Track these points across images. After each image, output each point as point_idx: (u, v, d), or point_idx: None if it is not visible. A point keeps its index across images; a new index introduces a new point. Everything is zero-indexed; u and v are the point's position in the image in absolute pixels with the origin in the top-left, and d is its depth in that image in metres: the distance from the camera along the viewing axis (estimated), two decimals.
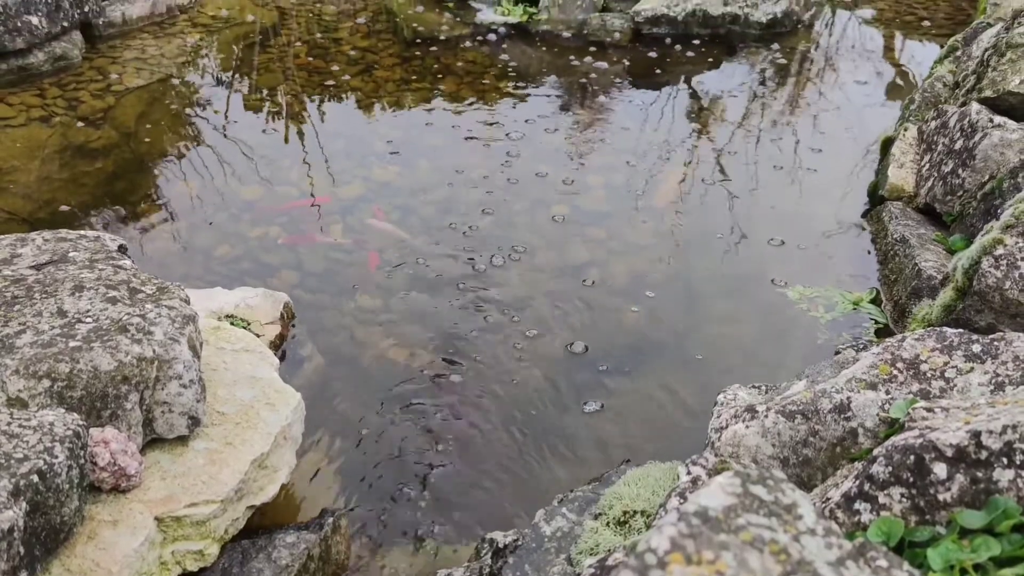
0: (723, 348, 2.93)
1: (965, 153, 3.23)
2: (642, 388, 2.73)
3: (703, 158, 4.15)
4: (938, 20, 6.15)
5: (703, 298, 3.17)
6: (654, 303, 3.12)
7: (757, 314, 3.07)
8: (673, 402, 2.69)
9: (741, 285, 3.23)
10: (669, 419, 2.64)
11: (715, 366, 2.84)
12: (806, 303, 3.09)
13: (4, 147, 3.94)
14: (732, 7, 5.60)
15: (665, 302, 3.14)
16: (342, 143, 4.19)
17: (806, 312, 3.05)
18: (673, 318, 3.07)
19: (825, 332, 2.95)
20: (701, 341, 2.96)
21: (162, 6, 5.53)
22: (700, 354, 2.90)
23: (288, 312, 2.86)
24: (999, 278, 2.34)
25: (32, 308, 1.99)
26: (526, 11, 5.71)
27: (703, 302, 3.16)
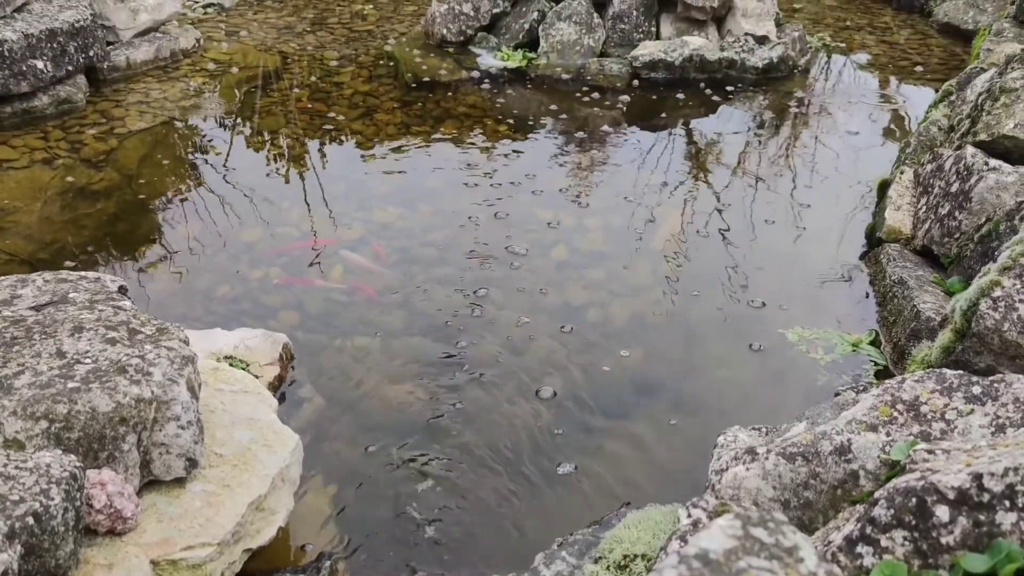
0: (722, 390, 2.92)
1: (961, 196, 3.25)
2: (641, 430, 2.72)
3: (701, 200, 4.17)
4: (932, 65, 6.23)
5: (702, 339, 3.17)
6: (653, 344, 3.12)
7: (756, 356, 3.06)
8: (673, 444, 2.68)
9: (740, 326, 3.23)
10: (669, 461, 2.63)
11: (714, 408, 2.83)
12: (805, 345, 3.09)
13: (6, 189, 3.97)
14: (729, 52, 5.68)
15: (664, 343, 3.14)
16: (343, 186, 4.22)
17: (805, 354, 3.05)
18: (672, 359, 3.07)
19: (825, 374, 2.95)
20: (700, 382, 2.96)
21: (166, 50, 5.61)
22: (699, 395, 2.89)
23: (287, 353, 2.86)
24: (997, 320, 2.35)
25: (31, 349, 1.99)
26: (525, 56, 5.79)
27: (702, 343, 3.15)
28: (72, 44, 4.80)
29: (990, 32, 5.97)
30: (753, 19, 5.93)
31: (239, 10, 7.00)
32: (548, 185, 4.23)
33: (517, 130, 4.84)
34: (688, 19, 5.93)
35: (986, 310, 2.37)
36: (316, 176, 4.30)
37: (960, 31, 6.84)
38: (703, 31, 5.93)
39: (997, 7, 6.78)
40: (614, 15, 5.93)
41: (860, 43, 6.73)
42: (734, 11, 5.97)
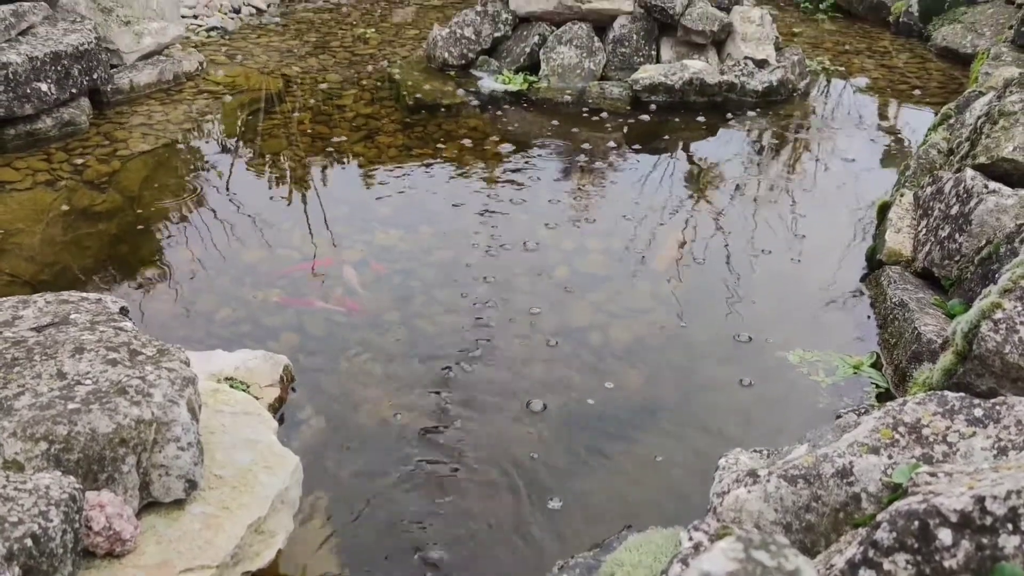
0: (724, 412, 2.91)
1: (961, 218, 3.26)
2: (642, 452, 2.71)
3: (702, 223, 4.18)
4: (931, 89, 6.27)
5: (703, 360, 3.17)
6: (654, 366, 3.12)
7: (758, 378, 3.06)
8: (674, 466, 2.67)
9: (741, 348, 3.22)
10: (670, 483, 2.62)
11: (716, 430, 2.82)
12: (807, 367, 3.09)
13: (9, 210, 3.98)
14: (728, 76, 5.71)
15: (665, 365, 3.14)
16: (345, 208, 4.23)
17: (807, 376, 3.05)
18: (673, 381, 3.06)
19: (826, 396, 2.94)
20: (701, 404, 2.95)
21: (169, 73, 5.64)
22: (701, 418, 2.88)
23: (288, 375, 2.86)
24: (999, 342, 2.34)
25: (32, 370, 1.99)
26: (526, 80, 5.83)
27: (703, 364, 3.15)
28: (76, 67, 4.83)
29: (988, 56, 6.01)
30: (753, 43, 5.97)
31: (242, 33, 7.05)
32: (549, 207, 4.24)
33: (518, 153, 4.86)
34: (688, 43, 5.97)
35: (987, 332, 2.37)
36: (318, 198, 4.31)
37: (958, 55, 6.89)
38: (703, 55, 5.97)
39: (995, 32, 6.82)
40: (614, 39, 5.97)
41: (859, 67, 6.77)
42: (734, 35, 6.01)
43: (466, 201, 4.28)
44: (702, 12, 5.87)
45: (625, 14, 6.01)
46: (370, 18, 7.74)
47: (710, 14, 5.87)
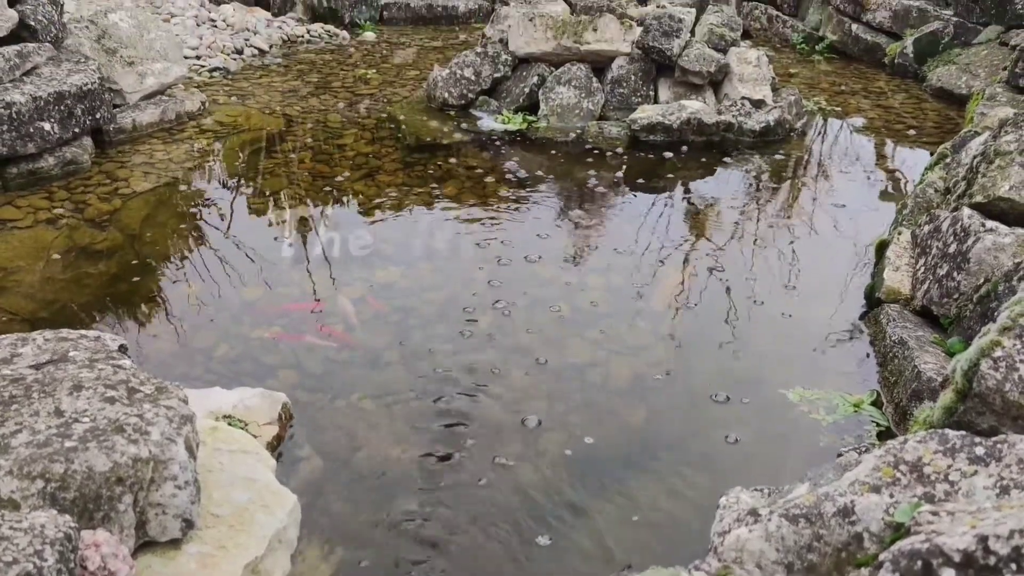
0: (724, 450, 2.89)
1: (959, 257, 3.27)
2: (642, 491, 2.69)
3: (700, 260, 4.20)
4: (927, 129, 6.32)
5: (703, 398, 3.15)
6: (654, 404, 3.11)
7: (758, 416, 3.05)
8: (674, 504, 2.65)
9: (741, 386, 3.22)
10: (671, 522, 2.60)
11: (716, 468, 2.80)
12: (807, 405, 3.08)
13: (10, 248, 4.00)
14: (726, 116, 5.77)
15: (665, 404, 3.13)
16: (346, 245, 4.24)
17: (807, 414, 3.04)
18: (673, 420, 3.05)
19: (827, 434, 2.93)
20: (701, 442, 2.93)
21: (171, 113, 5.69)
22: (701, 456, 2.86)
23: (286, 413, 2.84)
24: (999, 380, 2.34)
25: (30, 408, 1.98)
26: (526, 119, 5.88)
27: (703, 403, 3.14)
28: (79, 107, 4.88)
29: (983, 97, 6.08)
30: (750, 84, 6.03)
31: (244, 74, 7.13)
32: (549, 244, 4.26)
33: (517, 191, 4.89)
34: (686, 83, 6.03)
35: (987, 370, 2.36)
36: (318, 236, 4.33)
37: (954, 96, 6.96)
38: (700, 95, 6.03)
39: (989, 73, 6.90)
40: (613, 79, 6.03)
41: (855, 107, 6.84)
42: (731, 76, 6.08)
43: (465, 239, 4.30)
44: (699, 53, 5.94)
45: (623, 55, 6.08)
46: (371, 59, 7.83)
47: (707, 55, 5.94)
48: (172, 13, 8.01)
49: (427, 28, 9.28)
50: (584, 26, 6.05)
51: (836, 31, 8.58)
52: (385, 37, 8.76)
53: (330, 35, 8.55)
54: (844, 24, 8.48)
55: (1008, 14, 7.27)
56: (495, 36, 6.41)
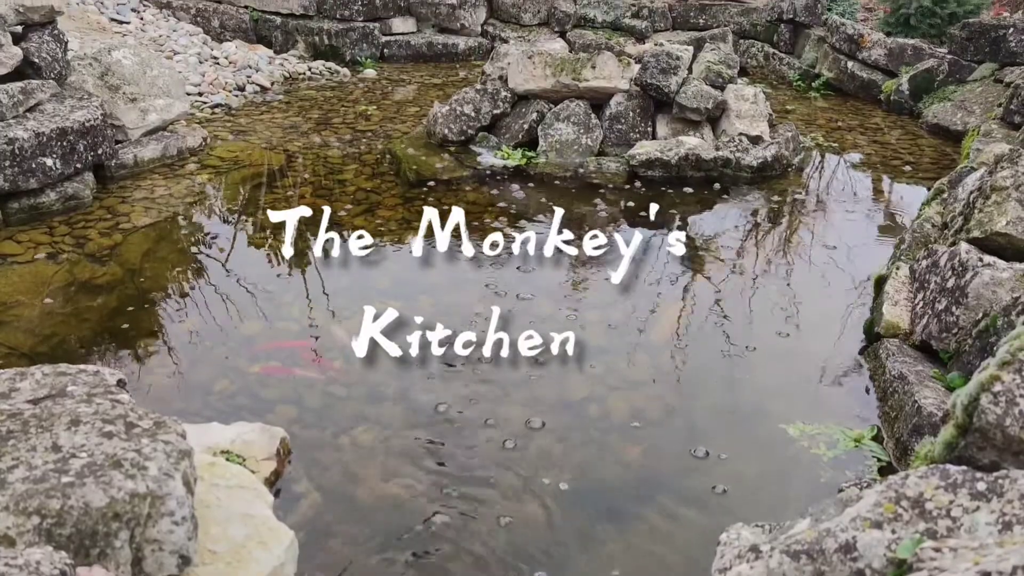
0: (724, 485, 2.88)
1: (957, 291, 3.28)
2: (643, 527, 2.67)
3: (699, 295, 4.20)
4: (923, 165, 6.37)
5: (703, 434, 3.14)
6: (654, 440, 3.10)
7: (758, 452, 3.04)
8: (675, 541, 2.63)
9: (741, 422, 3.21)
10: (671, 559, 2.57)
11: (716, 504, 2.78)
12: (807, 440, 3.07)
13: (10, 283, 4.00)
14: (724, 151, 5.81)
15: (665, 439, 3.12)
16: (344, 280, 4.25)
17: (808, 450, 3.02)
18: (673, 455, 3.03)
19: (828, 470, 2.92)
20: (702, 478, 2.92)
21: (173, 148, 5.73)
22: (700, 491, 2.84)
23: (284, 448, 2.83)
24: (999, 415, 2.33)
25: (27, 443, 1.97)
26: (525, 155, 5.92)
27: (703, 438, 3.12)
28: (82, 143, 4.91)
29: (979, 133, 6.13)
30: (747, 120, 6.08)
31: (246, 110, 7.19)
32: (547, 279, 4.27)
33: (517, 226, 4.91)
34: (683, 120, 6.09)
35: (987, 405, 2.36)
36: (317, 271, 4.34)
37: (949, 132, 7.02)
38: (698, 131, 6.08)
39: (984, 109, 6.96)
40: (611, 116, 6.08)
41: (852, 143, 6.89)
42: (728, 112, 6.13)
43: (465, 273, 4.31)
44: (697, 90, 6.00)
45: (622, 92, 6.14)
46: (372, 95, 7.90)
47: (705, 92, 5.99)
48: (175, 50, 8.09)
49: (427, 65, 9.38)
50: (583, 63, 6.11)
51: (832, 68, 8.68)
52: (386, 74, 8.85)
53: (331, 72, 8.63)
54: (840, 62, 8.58)
55: (1002, 52, 7.36)
56: (495, 73, 6.48)
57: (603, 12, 10.06)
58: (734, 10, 10.09)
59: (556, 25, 10.06)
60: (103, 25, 8.04)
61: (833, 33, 8.72)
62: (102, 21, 8.11)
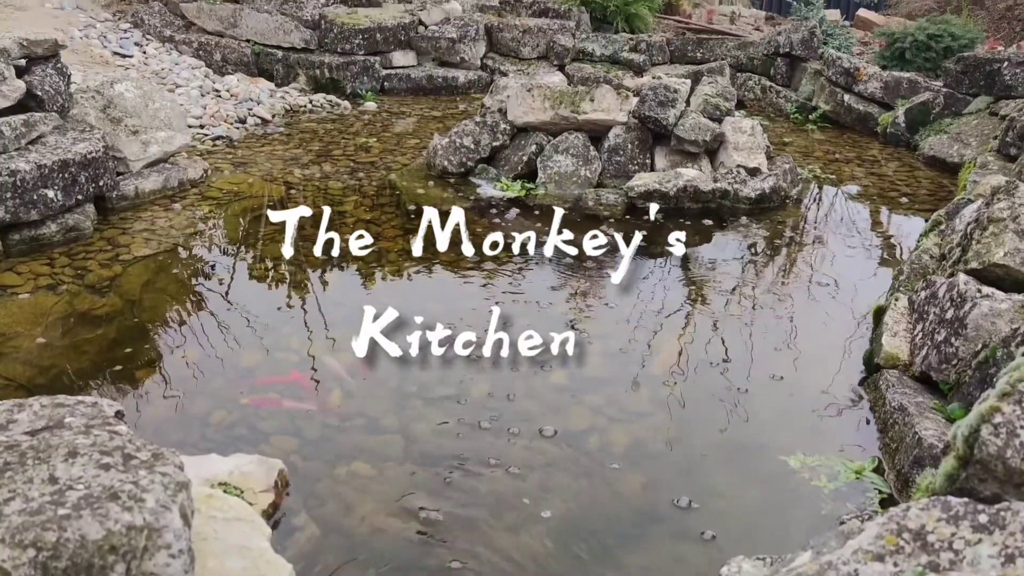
0: (725, 518, 2.86)
1: (956, 323, 3.28)
2: (643, 560, 2.65)
3: (699, 326, 4.20)
4: (920, 196, 6.40)
5: (703, 466, 3.13)
6: (654, 471, 3.08)
7: (758, 484, 3.02)
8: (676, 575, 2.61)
9: (741, 453, 3.19)
10: None
11: (717, 537, 2.76)
12: (808, 472, 3.05)
13: (9, 314, 4.00)
14: (722, 183, 5.84)
15: (665, 470, 3.10)
16: (344, 311, 4.25)
17: (808, 481, 3.01)
18: (673, 488, 3.02)
19: (829, 502, 2.90)
20: (702, 511, 2.90)
21: (174, 180, 5.76)
22: (701, 525, 2.82)
23: (283, 480, 2.82)
24: (1000, 447, 2.32)
25: (23, 475, 1.96)
26: (524, 187, 5.95)
27: (704, 470, 3.11)
28: (83, 174, 4.94)
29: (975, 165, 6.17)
30: (745, 152, 6.12)
31: (247, 143, 7.24)
32: (547, 310, 4.27)
33: (516, 257, 4.92)
34: (682, 152, 6.12)
35: (988, 436, 2.35)
36: (317, 302, 4.34)
37: (946, 164, 7.06)
38: (696, 163, 6.11)
39: (980, 141, 7.01)
40: (610, 148, 6.12)
41: (850, 175, 6.93)
42: (726, 144, 6.18)
43: (464, 304, 4.31)
44: (695, 123, 6.04)
45: (620, 124, 6.18)
46: (372, 128, 7.96)
47: (702, 124, 6.04)
48: (177, 83, 8.16)
49: (427, 98, 9.45)
50: (581, 96, 6.16)
51: (829, 101, 8.75)
52: (386, 107, 8.92)
53: (332, 105, 8.70)
54: (836, 94, 8.65)
55: (996, 85, 7.43)
56: (494, 106, 6.53)
57: (601, 46, 10.15)
58: (731, 44, 10.19)
59: (555, 59, 10.16)
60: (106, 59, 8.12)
61: (829, 67, 8.81)
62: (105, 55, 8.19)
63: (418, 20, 9.87)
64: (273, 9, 9.37)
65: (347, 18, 9.38)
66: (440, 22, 9.98)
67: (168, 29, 9.22)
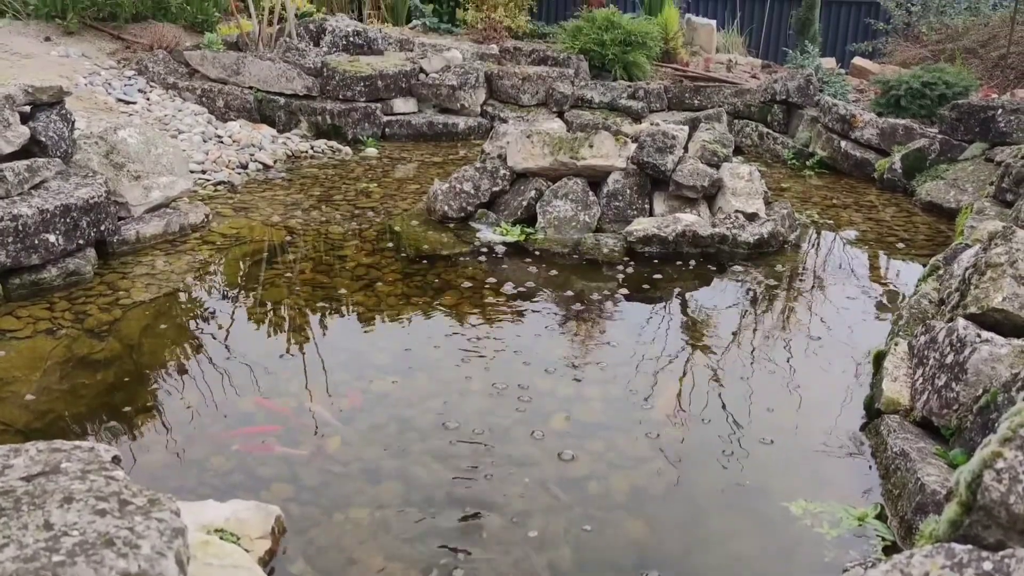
0: (728, 565, 2.82)
1: (957, 367, 3.27)
2: None
3: (698, 371, 4.19)
4: (918, 242, 6.42)
5: (704, 512, 3.10)
6: (655, 518, 3.05)
7: (760, 530, 2.99)
8: None
9: (743, 500, 3.16)
10: None
11: None
12: (810, 519, 3.02)
13: (7, 359, 3.99)
14: (720, 228, 5.87)
15: (666, 517, 3.07)
16: (343, 355, 4.25)
17: (811, 528, 2.98)
18: (674, 534, 2.99)
19: (832, 549, 2.87)
20: (705, 558, 2.87)
21: (175, 225, 5.79)
22: (704, 572, 2.79)
23: (280, 526, 2.79)
24: (1003, 492, 2.31)
25: (19, 521, 1.95)
26: (524, 231, 5.98)
27: (705, 517, 3.08)
28: (85, 219, 4.97)
29: (972, 210, 6.21)
30: (743, 197, 6.16)
31: (248, 188, 7.29)
32: (546, 355, 4.26)
33: (515, 301, 4.93)
34: (680, 197, 6.16)
35: (990, 482, 2.33)
36: (316, 346, 4.34)
37: (943, 209, 7.10)
38: (695, 208, 6.15)
39: (976, 187, 7.07)
40: (609, 193, 6.17)
41: (847, 220, 6.96)
42: (724, 190, 6.22)
43: (463, 348, 4.30)
44: (693, 168, 6.09)
45: (619, 170, 6.23)
46: (373, 173, 8.02)
47: (701, 170, 6.09)
48: (180, 129, 8.24)
49: (428, 144, 9.54)
50: (580, 142, 6.22)
51: (825, 147, 8.83)
52: (387, 152, 9.00)
53: (333, 151, 8.78)
54: (833, 141, 8.73)
55: (991, 132, 7.50)
56: (494, 152, 6.59)
57: (600, 93, 10.27)
58: (728, 91, 10.31)
59: (554, 105, 10.27)
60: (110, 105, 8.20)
61: (826, 113, 8.90)
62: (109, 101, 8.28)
63: (419, 68, 10.00)
64: (276, 57, 9.50)
65: (349, 66, 9.51)
66: (441, 70, 10.11)
67: (172, 76, 9.34)
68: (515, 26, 12.36)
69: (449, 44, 11.15)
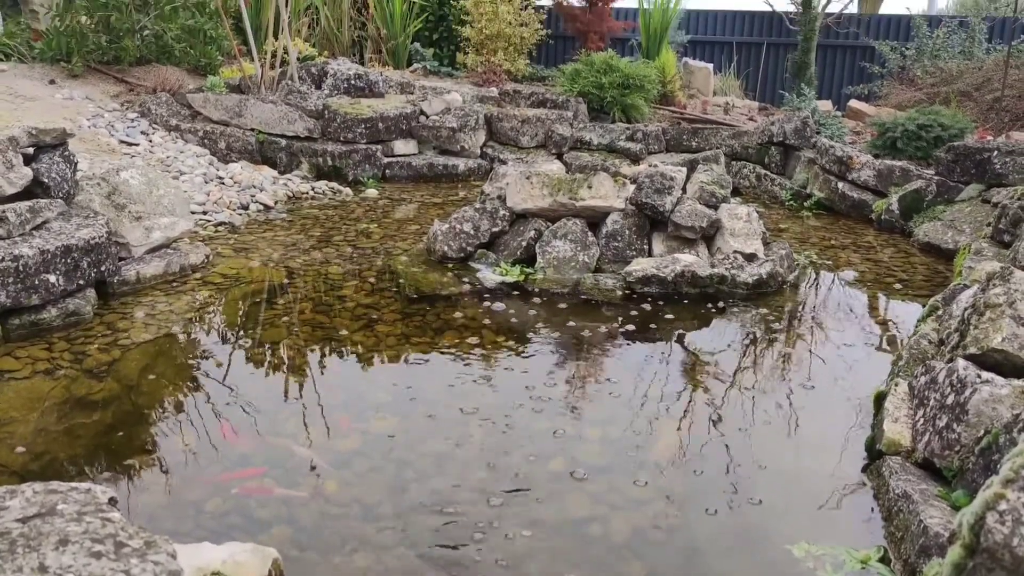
0: None
1: (958, 408, 3.26)
2: None
3: (698, 412, 4.18)
4: (916, 282, 6.44)
5: (705, 555, 3.07)
6: (656, 560, 3.02)
7: (763, 573, 2.96)
8: None
9: (745, 542, 3.14)
10: None
11: None
12: (812, 561, 2.99)
13: (5, 399, 3.98)
14: (719, 268, 5.88)
15: (667, 560, 3.04)
16: (342, 395, 4.24)
17: (813, 571, 2.95)
18: None
19: None
20: None
21: (175, 265, 5.81)
22: None
23: (277, 569, 2.75)
24: (1006, 535, 2.29)
25: (13, 563, 1.93)
26: (523, 271, 6.00)
27: (706, 560, 3.05)
28: (86, 260, 4.98)
29: (970, 251, 6.23)
30: (741, 238, 6.19)
31: (249, 228, 7.32)
32: (546, 395, 4.25)
33: (515, 341, 4.93)
34: (679, 237, 6.19)
35: (993, 524, 2.31)
36: (315, 386, 4.33)
37: (941, 250, 7.13)
38: (693, 249, 6.17)
39: (974, 228, 7.10)
40: (607, 234, 6.19)
41: (846, 260, 6.98)
42: (722, 231, 6.25)
43: (462, 388, 4.29)
44: (691, 209, 6.13)
45: (617, 211, 6.27)
46: (373, 214, 8.06)
47: (699, 211, 6.12)
48: (181, 171, 8.30)
49: (428, 185, 9.60)
50: (579, 183, 6.27)
51: (823, 189, 8.88)
52: (387, 193, 9.06)
53: (334, 192, 8.84)
54: (830, 182, 8.79)
55: (987, 173, 7.56)
56: (493, 193, 6.63)
57: (599, 135, 10.37)
58: (725, 133, 10.41)
59: (553, 147, 10.36)
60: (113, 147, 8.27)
61: (823, 155, 8.97)
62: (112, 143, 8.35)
63: (419, 110, 10.10)
64: (278, 100, 9.60)
65: (350, 108, 9.60)
66: (441, 112, 10.22)
67: (174, 118, 9.43)
68: (515, 69, 12.51)
69: (449, 87, 11.27)
